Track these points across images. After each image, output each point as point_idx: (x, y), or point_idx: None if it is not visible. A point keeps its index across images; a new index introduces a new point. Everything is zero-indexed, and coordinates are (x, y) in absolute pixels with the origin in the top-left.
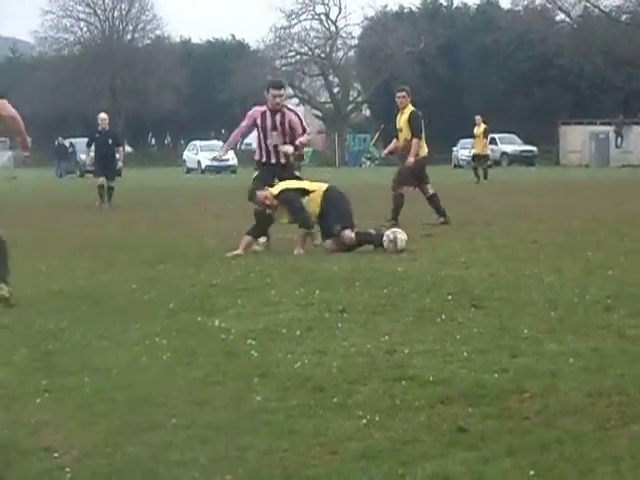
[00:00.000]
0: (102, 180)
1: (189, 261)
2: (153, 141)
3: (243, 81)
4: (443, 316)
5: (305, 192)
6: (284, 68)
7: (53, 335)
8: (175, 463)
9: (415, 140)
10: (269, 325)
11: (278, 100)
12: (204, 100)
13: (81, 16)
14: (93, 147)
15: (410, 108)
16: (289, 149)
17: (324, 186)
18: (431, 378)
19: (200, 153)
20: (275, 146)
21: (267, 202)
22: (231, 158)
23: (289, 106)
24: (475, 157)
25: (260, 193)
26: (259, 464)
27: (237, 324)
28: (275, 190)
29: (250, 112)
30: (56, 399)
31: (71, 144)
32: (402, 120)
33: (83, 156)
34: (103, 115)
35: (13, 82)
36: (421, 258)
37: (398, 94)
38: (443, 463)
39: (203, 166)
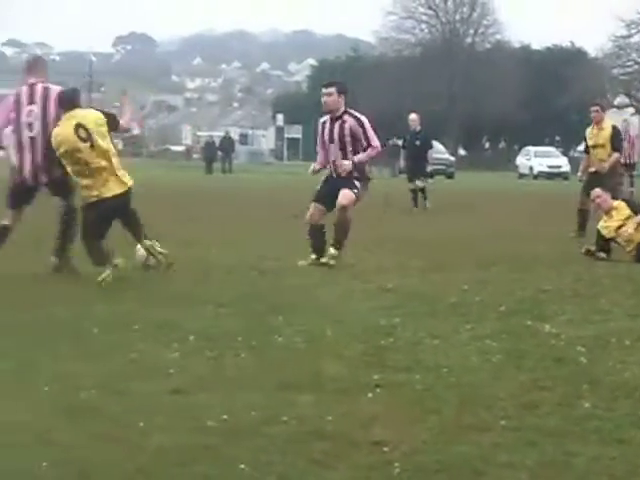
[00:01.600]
0: (414, 185)
1: (519, 265)
2: (487, 145)
3: (580, 89)
4: None
5: None
6: (621, 77)
7: (385, 331)
8: (503, 465)
9: (617, 154)
10: (599, 333)
11: (325, 99)
12: (540, 106)
13: (423, 18)
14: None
15: (609, 123)
16: (347, 166)
17: None
18: None
19: (533, 159)
20: (334, 161)
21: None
22: (564, 164)
23: (352, 111)
24: None
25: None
26: (586, 470)
27: (567, 330)
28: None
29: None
30: (387, 394)
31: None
32: (602, 136)
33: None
34: (413, 116)
35: (355, 81)
36: None
37: (592, 108)
38: None
39: (535, 172)
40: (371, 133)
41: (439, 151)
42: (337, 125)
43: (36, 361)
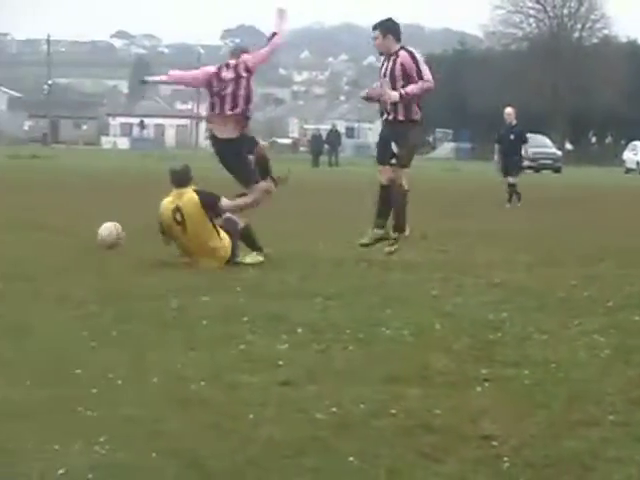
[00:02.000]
0: (507, 179)
1: (627, 260)
2: (594, 140)
3: None
4: None
5: None
6: None
7: (493, 326)
8: (612, 460)
9: None
10: None
11: (374, 43)
12: None
13: (531, 12)
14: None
15: None
16: (394, 96)
17: None
18: None
19: None
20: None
21: None
22: None
23: (408, 47)
24: None
25: None
26: None
27: None
28: None
29: None
30: (496, 388)
31: None
32: None
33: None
34: (508, 110)
35: (461, 74)
36: None
37: None
38: None
39: None
40: (424, 68)
41: (545, 145)
42: (391, 60)
43: (146, 352)
